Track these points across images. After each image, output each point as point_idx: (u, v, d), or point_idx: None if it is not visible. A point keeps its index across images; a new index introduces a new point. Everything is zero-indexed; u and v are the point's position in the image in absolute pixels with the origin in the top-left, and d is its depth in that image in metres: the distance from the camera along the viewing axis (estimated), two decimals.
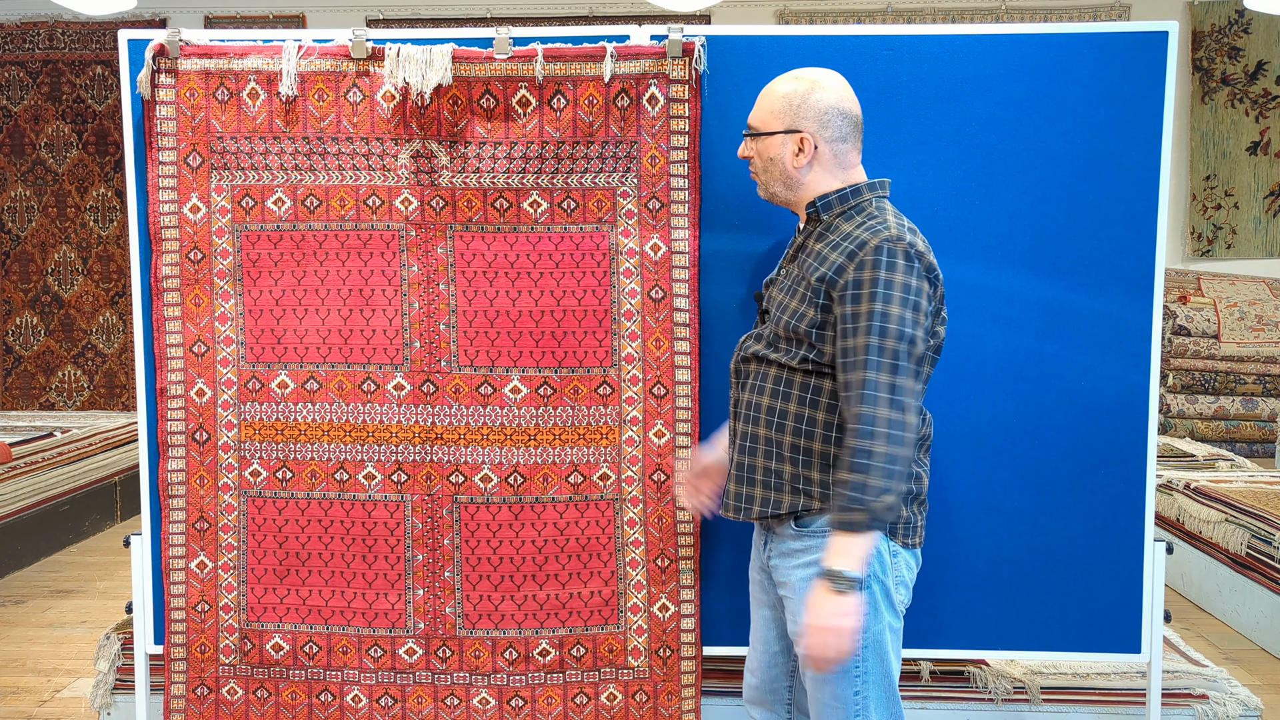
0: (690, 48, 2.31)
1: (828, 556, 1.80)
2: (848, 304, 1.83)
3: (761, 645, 2.13)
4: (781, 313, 1.94)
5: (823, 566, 1.80)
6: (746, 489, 1.99)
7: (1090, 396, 2.40)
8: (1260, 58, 6.59)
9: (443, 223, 2.38)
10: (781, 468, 1.94)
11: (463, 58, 2.31)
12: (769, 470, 1.95)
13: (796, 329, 1.90)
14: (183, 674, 2.51)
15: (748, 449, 1.99)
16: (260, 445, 2.45)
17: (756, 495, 1.97)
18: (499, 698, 2.46)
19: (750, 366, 2.00)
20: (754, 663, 2.15)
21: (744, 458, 2.00)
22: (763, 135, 1.98)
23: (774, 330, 1.96)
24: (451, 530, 2.43)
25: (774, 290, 2.02)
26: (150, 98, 2.38)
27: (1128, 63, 2.34)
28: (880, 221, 1.88)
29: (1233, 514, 4.06)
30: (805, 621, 1.83)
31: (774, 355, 1.94)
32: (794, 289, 1.94)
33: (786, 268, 2.01)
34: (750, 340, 2.03)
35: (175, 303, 2.44)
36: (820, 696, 1.92)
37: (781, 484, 1.94)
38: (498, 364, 2.40)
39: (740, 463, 2.00)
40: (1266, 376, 6.09)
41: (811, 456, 1.92)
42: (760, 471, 1.97)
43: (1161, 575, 2.44)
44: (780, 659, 2.11)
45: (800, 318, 1.90)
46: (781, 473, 1.94)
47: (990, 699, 2.72)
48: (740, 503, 2.00)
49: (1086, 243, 2.38)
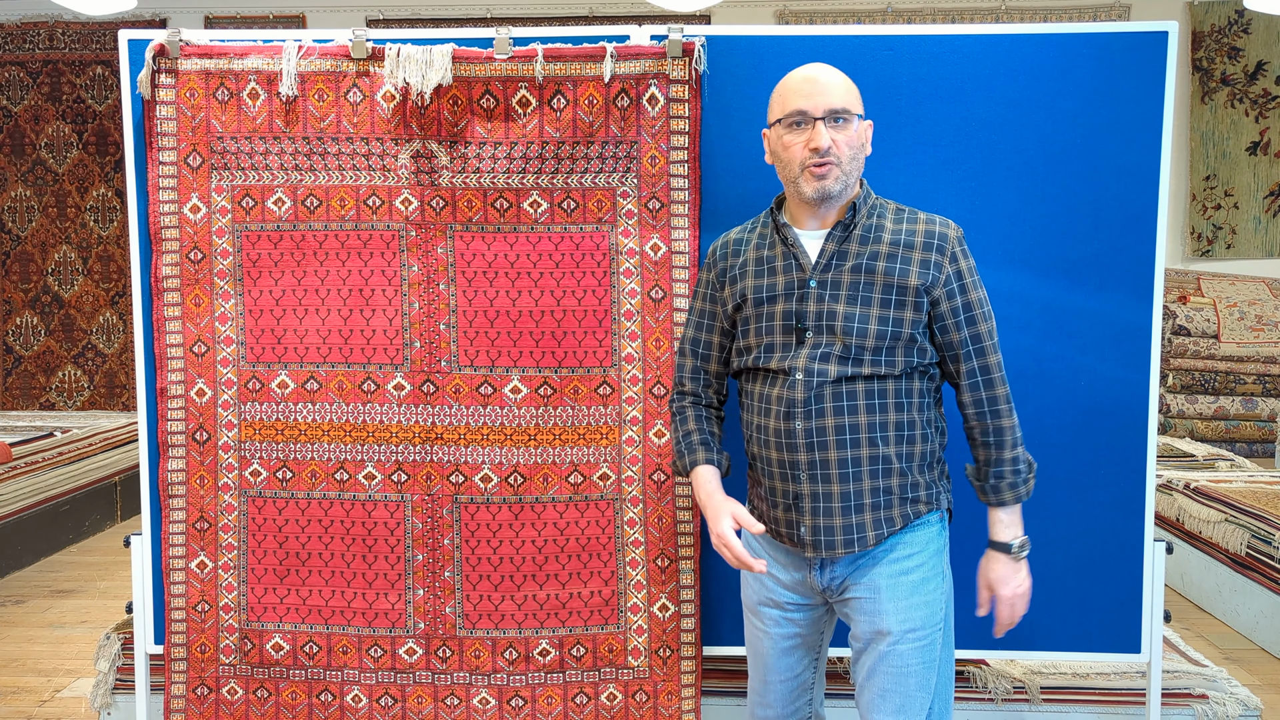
0: (690, 48, 2.31)
1: (1000, 531, 1.94)
2: (956, 297, 1.89)
3: (782, 675, 2.03)
4: (863, 323, 1.84)
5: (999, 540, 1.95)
6: (855, 519, 1.87)
7: (1090, 396, 2.40)
8: (1260, 58, 6.59)
9: (443, 223, 2.38)
10: (890, 482, 1.88)
11: (463, 58, 2.31)
12: (877, 490, 1.87)
13: (898, 335, 1.85)
14: (183, 674, 2.51)
15: (850, 475, 1.86)
16: (260, 445, 2.45)
17: (867, 521, 1.87)
18: (499, 697, 2.46)
19: (828, 389, 1.85)
20: (770, 696, 2.05)
21: (847, 486, 1.86)
22: (859, 118, 1.87)
23: (855, 343, 1.84)
24: (451, 530, 2.43)
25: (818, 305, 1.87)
26: (150, 98, 2.39)
27: (1128, 63, 2.34)
28: (914, 213, 1.94)
29: (1233, 514, 4.06)
30: (1000, 593, 1.95)
31: (867, 370, 1.85)
32: (864, 297, 1.85)
33: (820, 277, 1.88)
34: (813, 364, 1.86)
35: (175, 303, 2.44)
36: (902, 689, 1.88)
37: (891, 499, 1.88)
38: (498, 364, 2.40)
39: (844, 492, 1.86)
40: (1266, 376, 6.09)
41: (914, 460, 1.90)
42: (869, 494, 1.87)
43: (1161, 575, 2.44)
44: (805, 679, 2.05)
45: (899, 323, 1.85)
46: (890, 488, 1.88)
47: (990, 699, 2.72)
48: (851, 535, 1.87)
49: (1086, 243, 2.38)
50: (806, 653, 2.04)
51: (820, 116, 1.84)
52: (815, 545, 1.89)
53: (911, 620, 1.88)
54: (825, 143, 1.83)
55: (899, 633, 1.88)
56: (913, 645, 1.88)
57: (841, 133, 1.84)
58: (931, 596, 1.91)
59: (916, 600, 1.89)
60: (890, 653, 1.88)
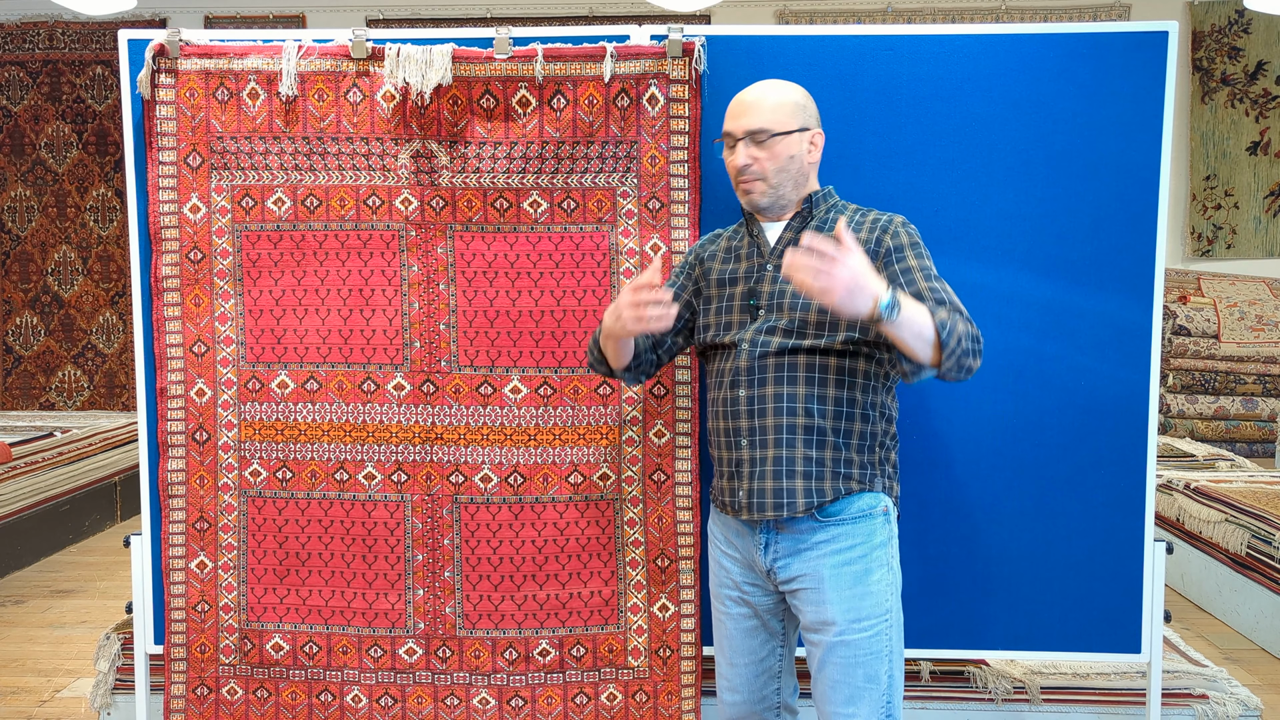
0: (690, 48, 2.31)
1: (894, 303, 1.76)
2: (896, 264, 1.93)
3: (746, 658, 2.10)
4: (809, 300, 1.93)
5: (886, 301, 1.74)
6: (786, 483, 1.95)
7: (1090, 396, 2.40)
8: (1260, 58, 6.59)
9: (443, 223, 2.38)
10: (823, 454, 1.95)
11: (463, 58, 2.31)
12: (810, 459, 1.95)
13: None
14: (183, 674, 2.51)
15: (784, 441, 1.96)
16: (260, 445, 2.45)
17: (799, 488, 1.95)
18: (499, 698, 2.46)
19: (770, 360, 1.97)
20: (736, 680, 2.11)
21: (781, 450, 1.96)
22: (780, 135, 1.99)
23: (799, 318, 1.96)
24: (451, 530, 2.43)
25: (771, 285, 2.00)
26: (150, 98, 2.38)
27: (1128, 63, 2.34)
28: (867, 211, 2.05)
29: (1233, 514, 4.06)
30: (850, 270, 1.71)
31: (806, 343, 1.95)
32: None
33: (777, 262, 2.00)
34: (758, 336, 1.98)
35: (175, 303, 2.44)
36: (851, 680, 1.93)
37: (824, 471, 1.95)
38: (498, 364, 2.40)
39: (777, 456, 1.96)
40: (1266, 376, 6.09)
41: (852, 437, 1.97)
42: (800, 462, 1.95)
43: (1161, 575, 2.44)
44: (770, 664, 2.11)
45: None
46: (824, 459, 1.95)
47: (990, 699, 2.72)
48: (781, 499, 1.95)
49: (1086, 243, 2.38)
50: (769, 638, 2.10)
51: (740, 138, 2.00)
52: (749, 508, 1.99)
53: (856, 610, 1.94)
54: (741, 162, 2.00)
55: (844, 623, 1.94)
56: (859, 635, 1.93)
57: (764, 149, 1.99)
58: (875, 588, 1.95)
59: (860, 590, 1.94)
60: (837, 643, 1.94)
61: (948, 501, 2.43)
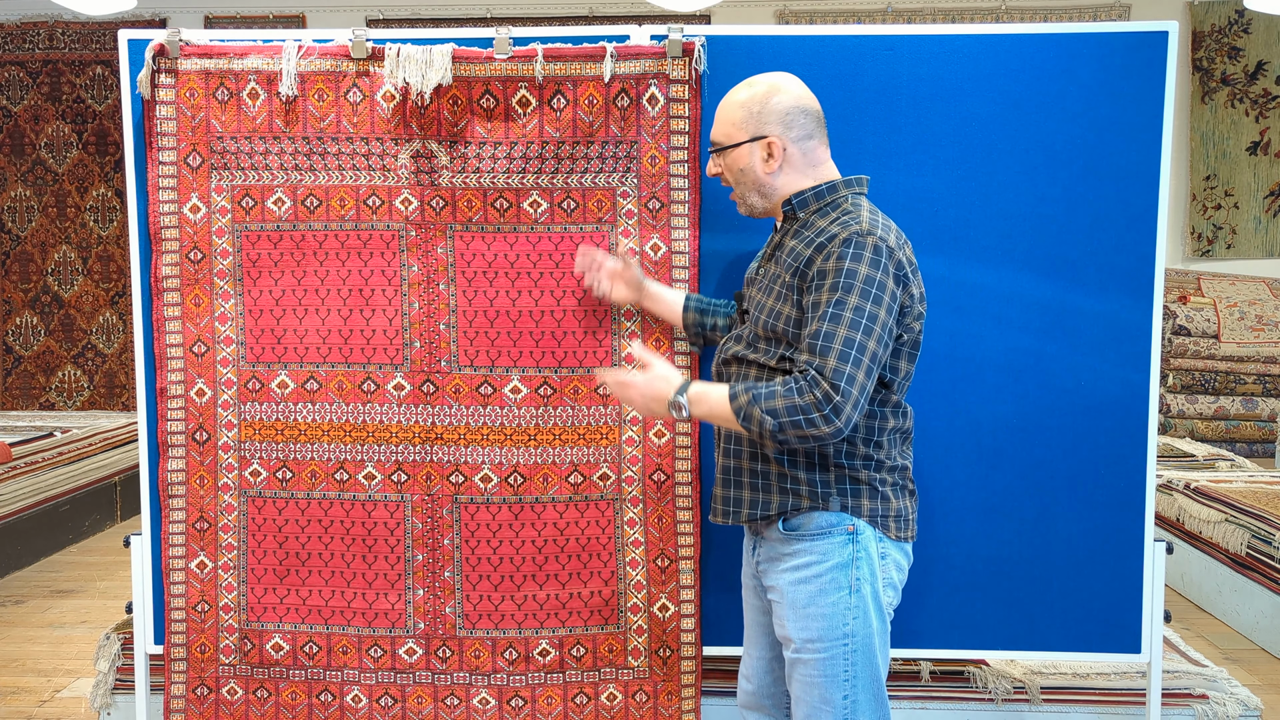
0: (690, 48, 2.31)
1: (693, 393, 1.89)
2: (811, 293, 1.83)
3: (756, 650, 2.13)
4: (760, 312, 1.93)
5: (679, 397, 1.89)
6: (734, 492, 1.99)
7: (1090, 396, 2.40)
8: (1260, 58, 6.59)
9: (443, 223, 2.38)
10: (768, 468, 1.93)
11: (463, 58, 2.31)
12: (755, 471, 1.95)
13: (774, 327, 1.89)
14: (183, 674, 2.51)
15: (733, 451, 1.98)
16: (260, 445, 2.45)
17: (744, 498, 1.97)
18: (499, 698, 2.46)
19: (731, 368, 1.99)
20: (749, 668, 2.15)
21: (729, 460, 1.99)
22: (729, 149, 1.96)
23: (753, 330, 1.95)
24: (451, 530, 2.43)
25: (753, 290, 2.01)
26: (150, 98, 2.38)
27: (1128, 63, 2.34)
28: (854, 217, 1.86)
29: (1233, 514, 4.06)
30: (639, 389, 1.94)
31: (754, 355, 1.93)
32: (770, 287, 1.94)
33: (764, 267, 2.00)
34: (730, 341, 2.02)
35: (175, 303, 2.44)
36: (809, 699, 1.91)
37: (769, 484, 1.94)
38: (498, 364, 2.40)
39: (726, 466, 2.00)
40: (1266, 376, 6.09)
41: (797, 456, 1.91)
42: (747, 474, 1.96)
43: (1161, 575, 2.44)
44: (776, 664, 2.10)
45: (777, 316, 1.89)
46: (768, 473, 1.94)
47: (990, 699, 2.72)
48: (729, 506, 2.00)
49: (1086, 243, 2.38)
50: (775, 642, 2.07)
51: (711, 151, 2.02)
52: (711, 511, 2.05)
53: (808, 630, 1.89)
54: (710, 172, 2.04)
55: (799, 641, 1.91)
56: (813, 656, 1.89)
57: (720, 162, 2.00)
58: (830, 610, 1.87)
59: (813, 610, 1.89)
60: (795, 660, 1.93)
61: (948, 501, 2.43)
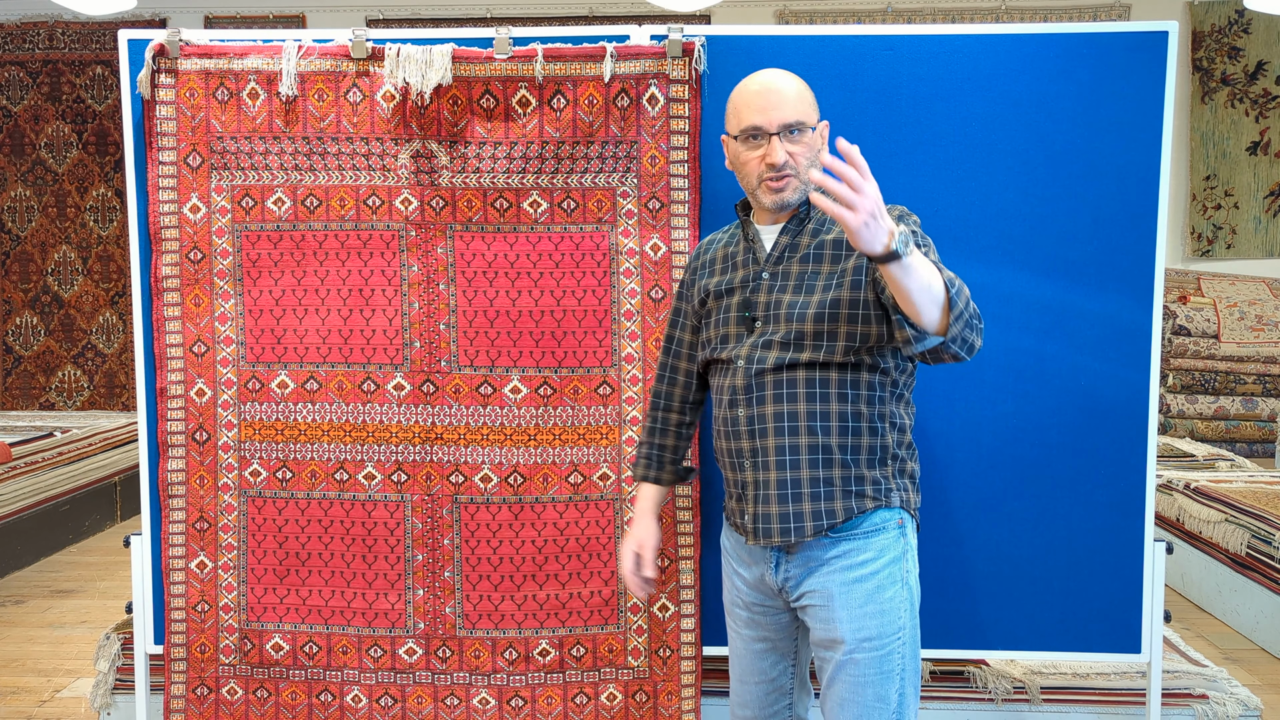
0: (690, 48, 2.31)
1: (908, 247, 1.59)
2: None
3: (756, 677, 2.03)
4: (804, 309, 1.84)
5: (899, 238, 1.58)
6: (793, 507, 1.85)
7: (1090, 396, 2.40)
8: (1260, 58, 6.59)
9: (443, 223, 2.38)
10: (831, 474, 1.84)
11: (463, 58, 2.31)
12: (816, 480, 1.84)
13: (836, 316, 1.82)
14: (183, 674, 2.51)
15: (789, 463, 1.85)
16: (260, 445, 2.45)
17: (805, 511, 1.84)
18: (499, 698, 2.46)
19: (768, 378, 1.86)
20: (746, 696, 2.04)
21: (784, 473, 1.85)
22: (811, 129, 1.86)
23: (796, 329, 1.84)
24: (451, 530, 2.43)
25: (763, 295, 1.89)
26: (150, 98, 2.39)
27: (1128, 63, 2.34)
28: None
29: (1233, 514, 4.06)
30: (875, 197, 1.55)
31: (805, 356, 1.83)
32: (808, 285, 1.85)
33: (772, 270, 1.90)
34: (755, 352, 1.87)
35: (175, 303, 2.44)
36: (860, 699, 1.84)
37: (832, 491, 1.84)
38: (498, 364, 2.40)
39: (781, 479, 1.85)
40: (1266, 376, 6.08)
41: (860, 453, 1.85)
42: (807, 484, 1.84)
43: (1161, 575, 2.44)
44: (782, 683, 2.04)
45: (836, 304, 1.82)
46: (831, 479, 1.84)
47: (990, 699, 2.72)
48: (788, 524, 1.85)
49: (1086, 243, 2.38)
50: (780, 658, 2.02)
51: (775, 132, 1.84)
52: (755, 533, 1.89)
53: (866, 629, 1.84)
54: (781, 159, 1.84)
55: (854, 642, 1.84)
56: (869, 655, 1.84)
57: (797, 144, 1.85)
58: (888, 605, 1.85)
59: (871, 609, 1.84)
60: (846, 662, 1.84)
61: (948, 502, 2.43)
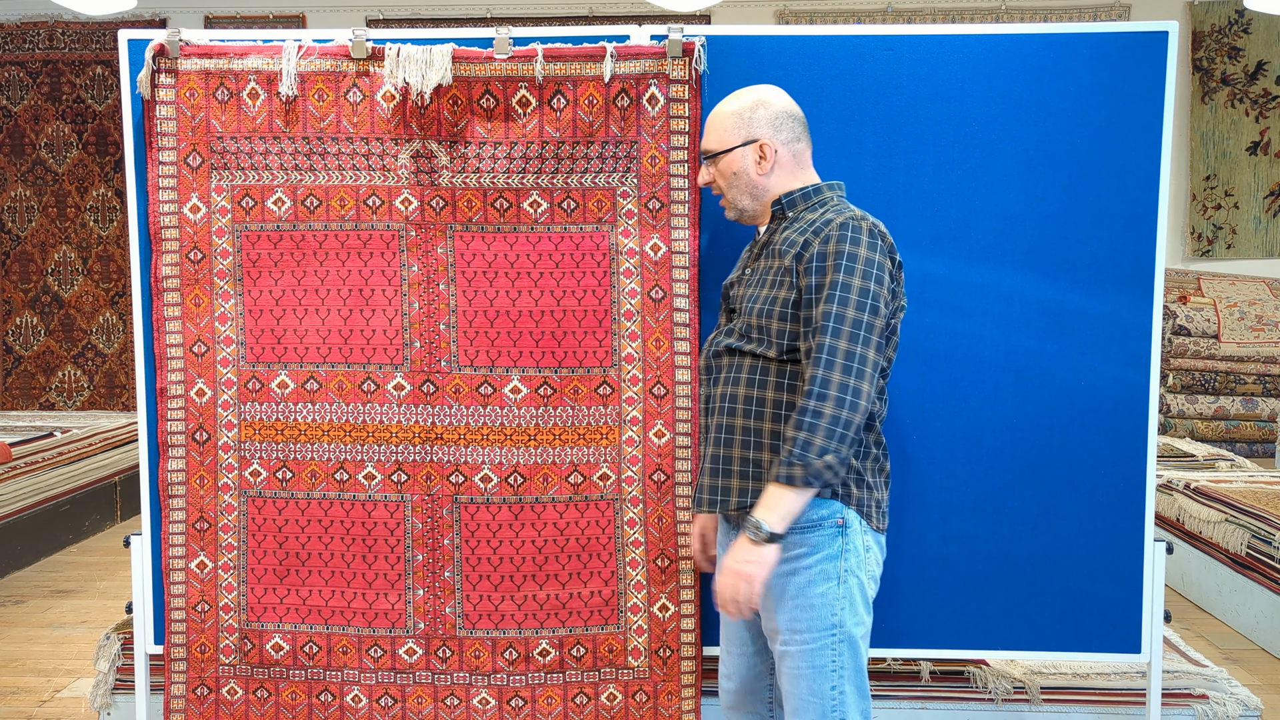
0: (690, 48, 2.31)
1: (757, 507, 1.86)
2: (812, 275, 1.89)
3: (738, 648, 2.13)
4: (753, 303, 1.97)
5: (750, 516, 1.85)
6: (722, 481, 1.99)
7: (1090, 396, 2.40)
8: (1260, 58, 6.59)
9: (443, 223, 2.38)
10: (760, 456, 1.95)
11: (463, 58, 2.31)
12: (746, 460, 1.97)
13: (769, 313, 1.94)
14: (183, 674, 2.51)
15: (723, 440, 1.99)
16: (260, 445, 2.45)
17: (733, 486, 1.98)
18: (499, 698, 2.46)
19: (722, 360, 2.02)
20: (730, 667, 2.15)
21: (719, 449, 2.00)
22: (721, 154, 2.03)
23: (746, 321, 1.98)
24: (451, 530, 2.43)
25: (741, 288, 2.06)
26: (150, 98, 2.38)
27: (1128, 63, 2.34)
28: (844, 207, 1.98)
29: (1233, 514, 4.06)
30: (723, 561, 1.89)
31: (748, 346, 1.97)
32: (764, 279, 1.98)
33: (752, 265, 2.05)
34: (720, 336, 2.06)
35: (175, 303, 2.44)
36: (796, 692, 1.93)
37: (760, 473, 1.95)
38: (498, 364, 2.40)
39: (715, 455, 2.01)
40: (1266, 376, 6.09)
41: None
42: (737, 462, 1.97)
43: (1161, 575, 2.44)
44: (759, 659, 2.12)
45: (772, 301, 1.94)
46: (760, 461, 1.95)
47: (990, 699, 2.72)
48: (716, 495, 2.00)
49: (1086, 243, 2.38)
50: (757, 636, 2.10)
51: (703, 159, 2.09)
52: (696, 502, 2.06)
53: (796, 622, 1.92)
54: (702, 180, 2.11)
55: (786, 633, 1.93)
56: (799, 648, 1.92)
57: (717, 168, 2.06)
58: (818, 601, 1.90)
59: (801, 602, 1.91)
60: (782, 653, 1.95)
61: (948, 501, 2.43)
